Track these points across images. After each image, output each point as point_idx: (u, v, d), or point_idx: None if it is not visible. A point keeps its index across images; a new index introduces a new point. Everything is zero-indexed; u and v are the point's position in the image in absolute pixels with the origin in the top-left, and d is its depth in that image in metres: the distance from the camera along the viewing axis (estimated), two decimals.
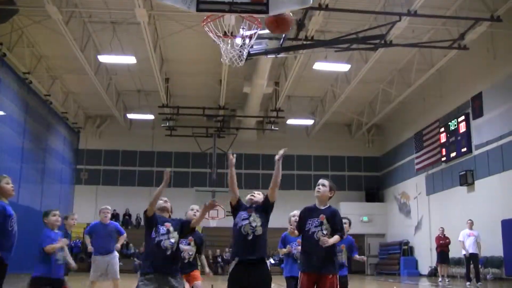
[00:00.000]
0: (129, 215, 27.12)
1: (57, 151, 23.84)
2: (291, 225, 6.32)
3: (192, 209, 6.45)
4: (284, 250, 6.31)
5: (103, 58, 19.22)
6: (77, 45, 17.23)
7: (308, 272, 4.89)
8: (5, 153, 17.38)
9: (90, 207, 26.87)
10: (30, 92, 20.07)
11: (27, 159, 19.64)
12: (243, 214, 5.03)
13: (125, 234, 8.71)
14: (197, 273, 6.66)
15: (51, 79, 22.23)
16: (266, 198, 5.16)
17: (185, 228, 5.28)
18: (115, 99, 24.16)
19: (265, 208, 5.11)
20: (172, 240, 5.09)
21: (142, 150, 28.30)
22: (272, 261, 23.02)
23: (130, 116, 26.62)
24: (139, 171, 28.18)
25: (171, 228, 5.14)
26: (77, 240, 25.62)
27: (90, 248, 8.25)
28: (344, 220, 6.35)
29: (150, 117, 26.02)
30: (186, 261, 6.50)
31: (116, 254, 8.36)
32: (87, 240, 8.35)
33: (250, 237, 4.89)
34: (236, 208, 5.13)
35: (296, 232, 5.13)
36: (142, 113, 25.73)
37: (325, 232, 4.88)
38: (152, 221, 5.13)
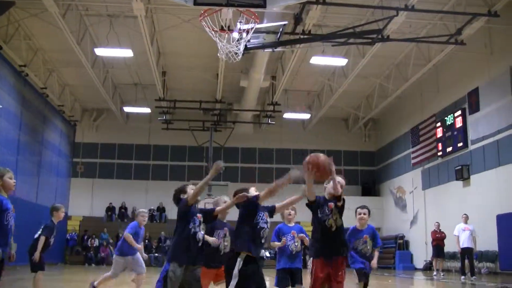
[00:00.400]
0: (125, 208, 27.09)
1: (53, 144, 23.79)
2: (284, 217, 6.33)
3: (225, 202, 5.97)
4: (277, 243, 6.10)
5: (100, 51, 19.11)
6: (73, 38, 17.16)
7: (321, 259, 5.05)
8: (1, 145, 17.36)
9: (86, 200, 26.94)
10: (27, 85, 20.01)
11: (23, 152, 19.59)
12: (264, 217, 5.03)
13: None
14: None
15: (48, 72, 22.14)
16: (274, 210, 5.25)
17: (208, 217, 5.37)
18: (111, 92, 24.09)
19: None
20: (203, 232, 5.22)
21: (138, 144, 28.26)
22: (268, 254, 23.08)
23: (127, 109, 26.53)
24: (136, 165, 28.15)
25: (201, 219, 5.23)
26: (73, 233, 25.64)
27: (139, 246, 8.02)
28: (363, 210, 6.36)
29: (147, 110, 25.96)
30: (222, 253, 5.86)
31: (137, 251, 8.29)
32: (131, 239, 7.94)
33: (263, 240, 5.03)
34: (255, 204, 5.05)
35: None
36: (138, 106, 25.66)
37: (335, 217, 5.05)
38: (190, 211, 5.15)
